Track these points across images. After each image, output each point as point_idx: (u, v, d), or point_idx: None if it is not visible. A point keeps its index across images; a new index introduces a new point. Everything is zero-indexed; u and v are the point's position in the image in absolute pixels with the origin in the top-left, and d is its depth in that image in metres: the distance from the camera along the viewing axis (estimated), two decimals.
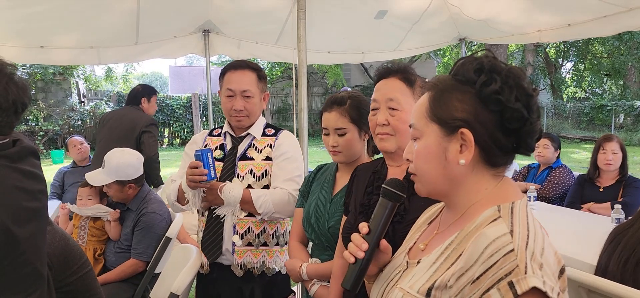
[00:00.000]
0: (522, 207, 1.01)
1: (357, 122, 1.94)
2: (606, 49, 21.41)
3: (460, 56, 6.89)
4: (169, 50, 5.90)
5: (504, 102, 0.99)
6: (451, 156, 1.04)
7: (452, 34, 6.28)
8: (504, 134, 1.02)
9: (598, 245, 1.97)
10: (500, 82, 1.00)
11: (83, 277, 1.62)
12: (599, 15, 4.71)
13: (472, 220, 1.03)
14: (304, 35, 3.02)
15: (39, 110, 16.42)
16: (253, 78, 2.33)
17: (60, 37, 5.15)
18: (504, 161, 1.06)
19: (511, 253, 0.88)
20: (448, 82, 1.07)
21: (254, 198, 2.23)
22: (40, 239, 1.30)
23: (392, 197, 1.19)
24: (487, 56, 1.05)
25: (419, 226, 1.27)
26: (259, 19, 5.51)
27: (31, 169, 1.29)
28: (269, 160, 2.34)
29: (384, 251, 1.22)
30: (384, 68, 1.61)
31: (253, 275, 2.34)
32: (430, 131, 1.07)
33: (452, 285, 0.94)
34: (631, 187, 3.73)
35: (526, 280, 0.84)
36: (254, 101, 2.33)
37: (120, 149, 3.12)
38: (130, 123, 4.50)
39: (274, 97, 21.09)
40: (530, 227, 0.95)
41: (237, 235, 2.31)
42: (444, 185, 1.07)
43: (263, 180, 2.32)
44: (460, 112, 1.03)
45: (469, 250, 0.95)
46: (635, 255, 1.77)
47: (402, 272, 1.14)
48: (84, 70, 18.41)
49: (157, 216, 3.01)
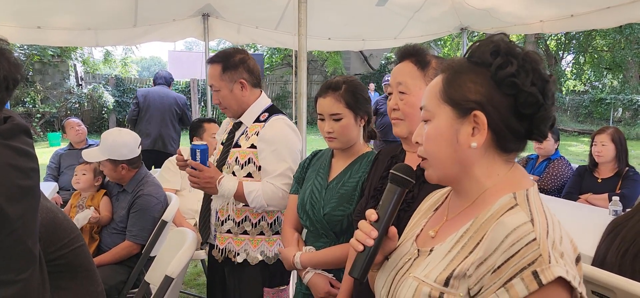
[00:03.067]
0: (536, 195, 1.00)
1: (353, 107, 1.91)
2: (607, 43, 21.33)
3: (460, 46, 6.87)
4: (168, 34, 5.86)
5: (519, 85, 0.97)
6: (463, 139, 1.02)
7: (453, 23, 6.25)
8: (518, 118, 1.00)
9: (596, 237, 1.96)
10: (517, 65, 0.98)
11: (75, 251, 1.60)
12: (602, 7, 4.70)
13: (487, 207, 1.00)
14: (305, 19, 2.99)
15: (36, 92, 16.32)
16: (216, 71, 2.32)
17: (57, 17, 5.12)
18: (516, 147, 1.04)
19: (534, 242, 0.87)
20: (463, 64, 1.05)
21: (246, 193, 2.22)
22: (33, 218, 1.28)
23: (401, 182, 1.15)
24: (503, 39, 1.03)
25: (424, 212, 1.24)
26: (259, 4, 5.47)
27: (24, 147, 1.26)
28: (253, 148, 2.29)
29: (392, 238, 1.18)
30: (398, 51, 1.58)
31: (232, 261, 2.34)
32: (441, 113, 1.05)
33: (472, 274, 0.93)
34: (630, 179, 3.73)
35: (550, 269, 0.84)
36: (222, 94, 2.33)
37: (119, 129, 3.16)
38: (174, 100, 5.88)
39: (273, 84, 21.00)
40: (548, 216, 0.94)
41: (218, 222, 2.35)
42: (454, 169, 1.05)
43: (246, 168, 2.29)
44: (474, 94, 1.01)
45: (488, 238, 0.93)
46: (634, 247, 1.76)
47: (413, 260, 1.11)
48: (82, 52, 18.27)
49: (152, 199, 3.00)
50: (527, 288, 0.84)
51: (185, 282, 4.29)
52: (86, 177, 3.12)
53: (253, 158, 2.29)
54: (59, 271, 1.56)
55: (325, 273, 1.93)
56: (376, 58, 21.68)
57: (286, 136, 2.30)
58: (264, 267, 2.34)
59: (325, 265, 1.92)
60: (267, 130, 2.29)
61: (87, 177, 3.12)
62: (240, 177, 2.27)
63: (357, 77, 18.58)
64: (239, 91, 2.34)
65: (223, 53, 2.38)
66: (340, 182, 1.94)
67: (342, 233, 1.90)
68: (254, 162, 2.29)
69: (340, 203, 1.89)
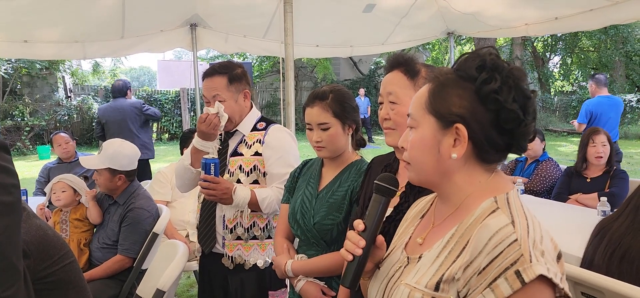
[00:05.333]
0: (515, 197, 1.04)
1: (340, 116, 1.92)
2: (593, 43, 21.57)
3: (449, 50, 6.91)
4: (156, 45, 5.86)
5: (501, 101, 1.00)
6: (444, 149, 1.05)
7: (440, 27, 6.30)
8: (499, 132, 1.03)
9: (584, 238, 1.98)
10: (500, 81, 1.01)
11: (65, 267, 1.59)
12: (585, 9, 4.76)
13: (470, 212, 1.04)
14: (291, 28, 3.01)
15: (25, 106, 16.20)
16: (223, 83, 2.33)
17: (44, 30, 5.09)
18: (496, 158, 1.07)
19: (515, 243, 0.91)
20: (449, 76, 1.08)
21: (259, 200, 2.26)
22: (15, 234, 1.27)
23: (385, 192, 1.18)
24: (490, 53, 1.05)
25: (411, 219, 1.26)
26: (246, 13, 5.48)
27: (3, 163, 1.25)
28: (258, 156, 2.35)
29: (380, 247, 1.21)
30: (388, 60, 1.59)
31: (243, 268, 2.36)
32: (426, 123, 1.08)
33: (459, 278, 0.96)
34: (618, 178, 3.78)
35: (532, 268, 0.87)
36: (227, 104, 2.33)
37: (121, 140, 3.18)
38: (130, 108, 5.91)
39: (263, 92, 21.00)
40: (528, 216, 0.98)
41: (227, 230, 2.35)
42: (436, 176, 1.09)
43: (252, 176, 2.34)
44: (457, 107, 1.04)
45: (473, 241, 0.97)
46: (620, 248, 1.78)
47: (403, 268, 1.13)
48: (70, 64, 18.16)
49: (144, 212, 2.99)
50: (511, 287, 0.88)
51: (177, 293, 4.27)
52: (66, 194, 3.11)
53: (258, 165, 2.35)
54: (50, 289, 1.54)
55: (317, 281, 1.94)
56: (366, 63, 21.76)
57: (290, 144, 2.41)
58: (267, 270, 2.38)
59: (316, 273, 1.92)
60: (272, 139, 2.36)
61: (67, 193, 3.11)
62: (247, 184, 2.32)
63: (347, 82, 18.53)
64: (242, 101, 2.40)
65: (224, 65, 2.39)
66: (329, 191, 1.96)
67: (333, 242, 1.91)
68: (259, 169, 2.34)
69: (329, 212, 1.90)
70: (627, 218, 1.84)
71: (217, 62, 2.43)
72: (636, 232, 1.77)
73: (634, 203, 1.86)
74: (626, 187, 3.72)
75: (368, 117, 16.63)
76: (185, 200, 3.82)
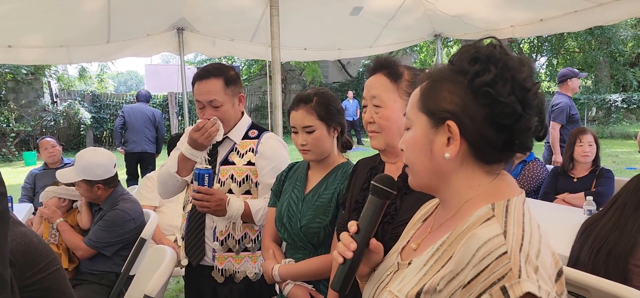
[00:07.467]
0: (518, 205, 0.95)
1: (325, 118, 1.92)
2: (578, 44, 21.81)
3: (436, 52, 6.95)
4: (143, 49, 5.82)
5: (494, 95, 0.92)
6: (437, 149, 0.99)
7: (427, 30, 6.33)
8: (495, 129, 0.94)
9: (570, 237, 2.00)
10: (495, 73, 0.93)
11: (51, 275, 1.57)
12: (570, 11, 4.81)
13: (465, 219, 0.97)
14: (278, 32, 3.00)
15: (10, 111, 16.01)
16: (219, 85, 2.20)
17: (28, 36, 5.03)
18: (497, 158, 0.99)
19: (504, 256, 0.82)
20: (443, 72, 1.01)
21: (253, 212, 2.19)
22: (2, 243, 1.25)
23: (382, 194, 1.15)
24: (491, 43, 0.97)
25: (414, 223, 1.21)
26: (233, 17, 5.47)
27: None
28: (251, 165, 2.27)
29: (375, 250, 1.17)
30: (371, 63, 1.58)
31: (234, 280, 2.29)
32: (418, 121, 1.02)
33: (442, 289, 0.89)
34: (604, 177, 3.82)
35: (520, 284, 0.79)
36: (224, 109, 2.22)
37: (94, 148, 3.08)
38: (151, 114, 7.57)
39: (251, 95, 20.94)
40: (525, 227, 0.89)
41: (217, 242, 2.26)
42: (432, 179, 1.02)
43: (244, 186, 2.26)
44: (448, 103, 0.97)
45: (459, 252, 0.89)
46: (606, 246, 1.80)
47: (393, 274, 1.09)
48: (56, 69, 17.98)
49: (124, 214, 2.92)
50: None
51: None
52: (51, 202, 3.08)
53: (251, 175, 2.26)
54: (35, 297, 1.52)
55: (305, 284, 1.93)
56: (354, 66, 21.80)
57: (283, 154, 2.32)
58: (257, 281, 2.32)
59: (303, 277, 1.92)
60: (266, 148, 2.28)
61: (51, 201, 3.09)
62: (239, 194, 2.25)
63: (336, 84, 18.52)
64: (237, 105, 2.31)
65: (218, 67, 2.26)
66: (316, 194, 1.95)
67: (320, 245, 1.90)
68: (251, 179, 2.27)
69: (316, 216, 1.89)
70: (612, 217, 1.86)
71: (210, 64, 2.29)
72: (622, 229, 1.79)
73: (620, 201, 1.88)
74: (612, 186, 3.76)
75: (357, 120, 16.64)
76: (174, 204, 3.80)
